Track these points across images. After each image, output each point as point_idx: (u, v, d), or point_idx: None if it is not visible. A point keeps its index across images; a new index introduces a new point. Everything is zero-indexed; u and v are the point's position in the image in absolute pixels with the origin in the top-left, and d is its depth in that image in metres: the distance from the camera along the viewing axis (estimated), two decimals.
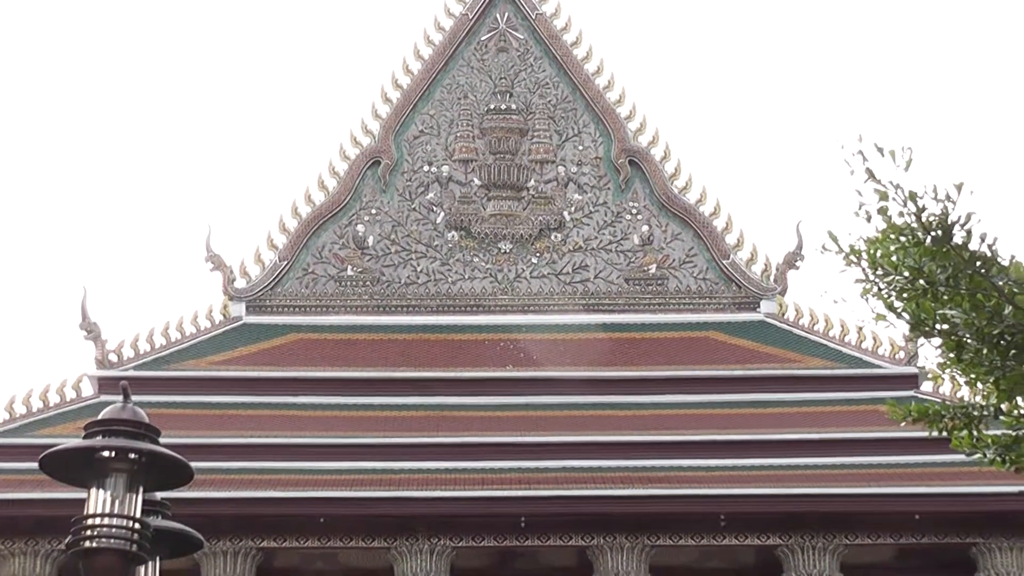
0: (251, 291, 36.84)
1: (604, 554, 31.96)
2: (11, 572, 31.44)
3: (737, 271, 37.39)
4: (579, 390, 34.35)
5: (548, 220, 37.72)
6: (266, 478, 31.48)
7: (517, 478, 31.92)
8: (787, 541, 32.14)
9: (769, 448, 32.90)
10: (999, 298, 8.16)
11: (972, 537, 32.11)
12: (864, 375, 34.89)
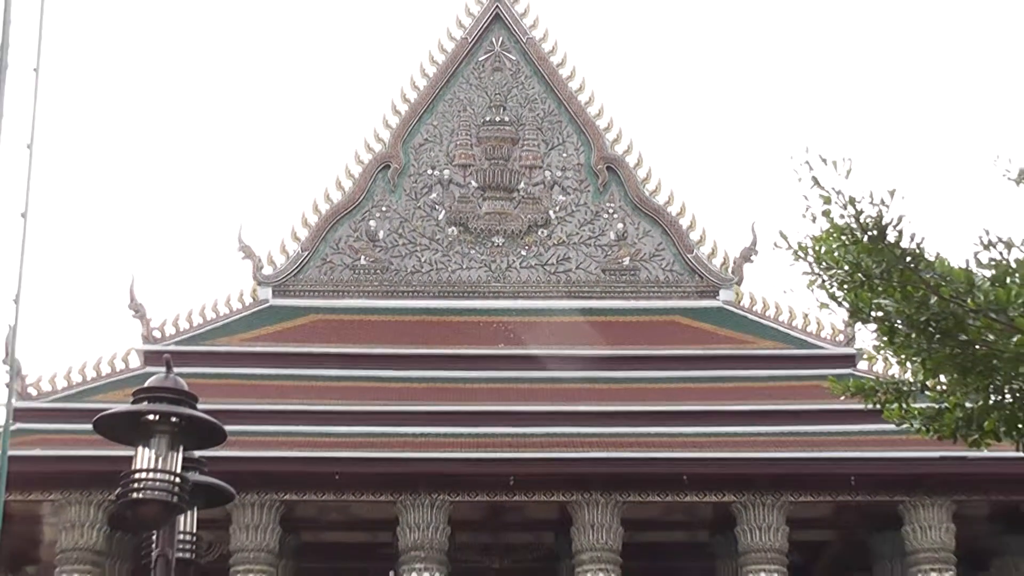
0: (277, 277, 36.86)
1: (582, 508, 32.03)
2: (68, 518, 31.50)
3: (699, 264, 37.42)
4: (561, 366, 34.39)
5: (536, 218, 37.76)
6: (289, 440, 31.54)
7: (507, 442, 31.97)
8: (740, 498, 32.20)
9: (725, 418, 32.95)
10: (926, 289, 8.19)
11: (899, 495, 32.20)
12: (809, 355, 34.97)
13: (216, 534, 30.54)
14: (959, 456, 30.07)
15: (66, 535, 31.60)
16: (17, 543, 32.14)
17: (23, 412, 30.37)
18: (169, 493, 7.56)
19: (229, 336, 35.38)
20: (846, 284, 8.53)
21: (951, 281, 8.35)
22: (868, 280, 8.42)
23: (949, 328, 8.37)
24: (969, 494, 32.33)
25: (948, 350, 8.57)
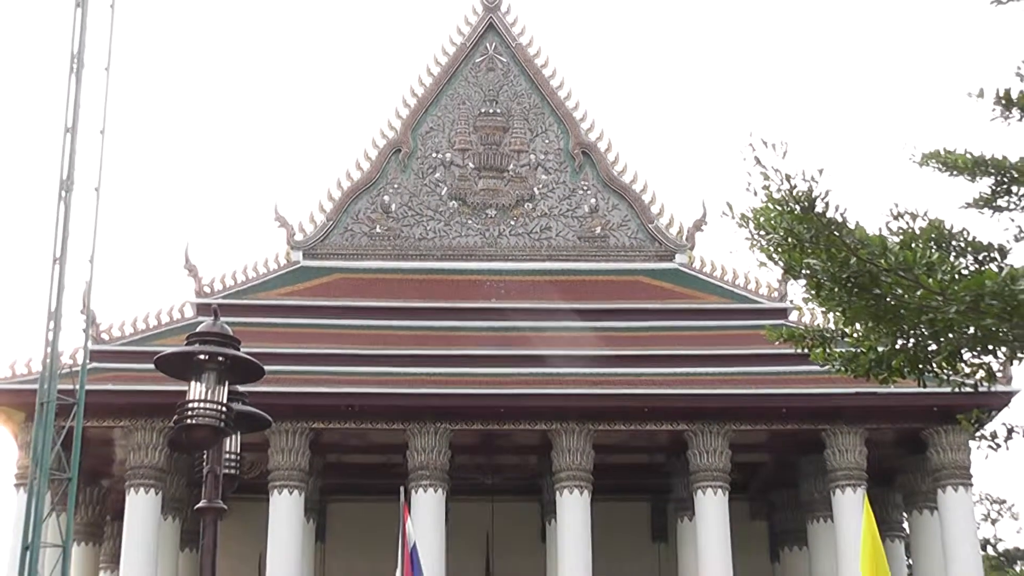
0: (306, 243, 36.79)
1: (560, 436, 32.08)
2: (135, 442, 31.53)
3: (659, 232, 37.39)
4: (543, 317, 34.39)
5: (522, 194, 37.69)
6: (316, 378, 31.53)
7: (498, 380, 31.99)
8: (691, 427, 32.25)
9: (680, 360, 32.97)
10: (847, 252, 8.17)
11: (822, 424, 32.29)
12: (749, 308, 34.99)
13: (256, 455, 30.60)
14: (871, 392, 30.22)
15: (133, 455, 31.66)
16: (94, 462, 32.18)
17: (97, 354, 30.31)
18: (217, 420, 7.57)
19: (267, 292, 35.38)
20: (781, 247, 8.50)
21: (868, 245, 8.32)
22: (799, 244, 8.40)
23: (865, 284, 8.35)
24: (879, 423, 32.45)
25: (864, 302, 8.55)
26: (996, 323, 8.05)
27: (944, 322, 8.28)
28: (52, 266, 9.58)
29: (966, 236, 8.89)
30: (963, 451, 32.50)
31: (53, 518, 12.41)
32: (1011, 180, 9.19)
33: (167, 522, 32.51)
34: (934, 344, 8.90)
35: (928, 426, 32.39)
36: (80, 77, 10.41)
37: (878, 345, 9.29)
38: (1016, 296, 7.96)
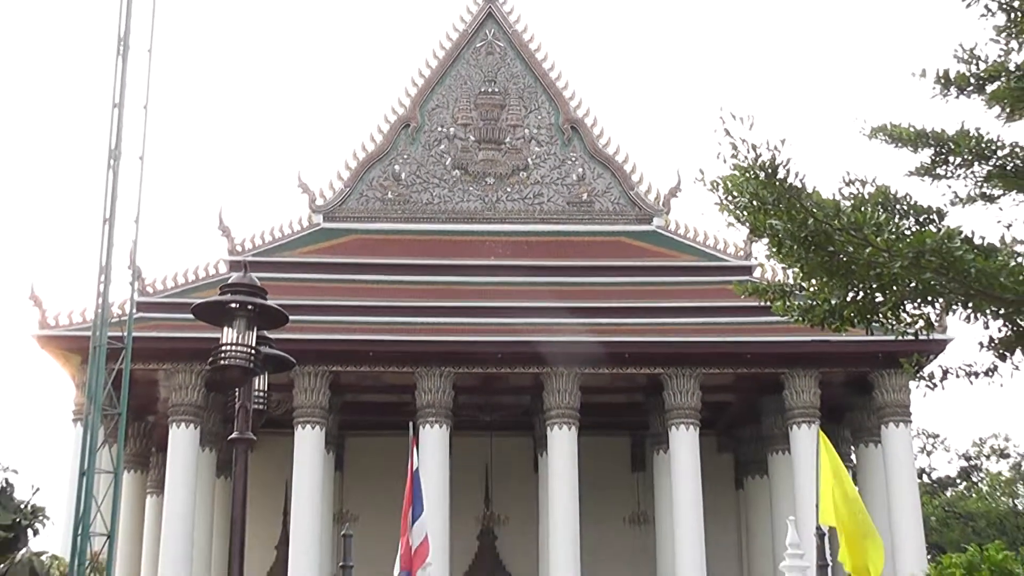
0: (327, 207, 36.69)
1: (551, 378, 32.16)
2: (176, 382, 31.63)
3: (639, 198, 37.30)
4: (537, 273, 34.41)
5: (518, 164, 37.57)
6: (335, 326, 31.56)
7: (496, 328, 32.02)
8: (666, 370, 32.34)
9: (657, 311, 33.00)
10: (805, 214, 8.15)
11: (781, 368, 32.39)
12: (718, 266, 34.96)
13: (282, 395, 30.64)
14: (824, 339, 30.27)
15: (175, 394, 31.75)
16: (140, 400, 32.28)
17: (142, 305, 30.30)
18: (247, 361, 7.58)
19: (291, 250, 35.34)
20: (747, 210, 8.49)
21: (823, 208, 8.31)
22: (763, 207, 8.38)
23: (821, 242, 8.33)
24: (831, 367, 32.56)
25: (819, 259, 8.54)
26: (935, 277, 8.06)
27: (889, 276, 8.28)
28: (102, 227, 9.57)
29: (909, 200, 8.88)
30: (904, 392, 32.65)
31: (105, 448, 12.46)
32: (948, 151, 9.16)
33: (204, 453, 32.69)
34: (881, 296, 8.90)
35: (874, 370, 32.52)
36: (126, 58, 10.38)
37: (831, 297, 9.28)
38: (952, 253, 7.97)
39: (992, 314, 8.74)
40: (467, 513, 35.64)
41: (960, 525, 49.43)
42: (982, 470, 58.94)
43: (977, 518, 50.58)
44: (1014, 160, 8.98)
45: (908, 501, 32.02)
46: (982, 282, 8.08)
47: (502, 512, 37.42)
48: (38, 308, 31.42)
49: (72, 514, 8.81)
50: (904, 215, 8.72)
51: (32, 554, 12.76)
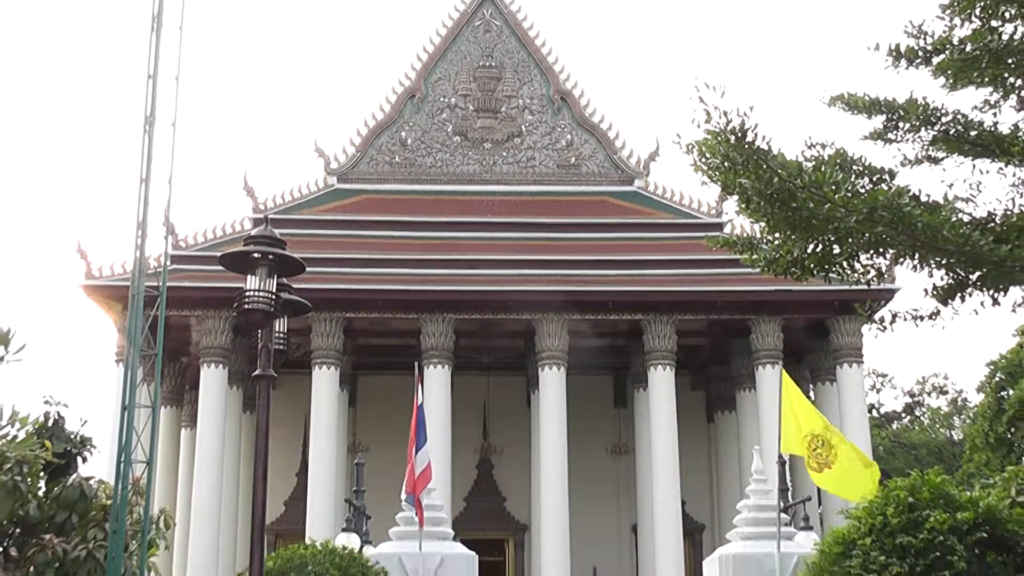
0: (340, 169, 36.59)
1: (542, 323, 32.23)
2: (206, 327, 31.66)
3: (621, 162, 37.22)
4: (530, 229, 34.40)
5: (512, 131, 37.45)
6: (348, 277, 31.54)
7: (492, 279, 32.03)
8: (646, 317, 32.40)
9: (637, 263, 33.04)
10: (771, 173, 8.16)
11: (748, 314, 32.47)
12: (692, 223, 34.90)
13: (301, 339, 30.71)
14: (787, 288, 30.32)
15: (205, 338, 31.78)
16: (175, 344, 32.34)
17: (176, 258, 30.34)
18: (268, 305, 7.59)
19: (308, 209, 35.29)
20: (719, 170, 8.48)
21: (787, 168, 8.31)
22: (733, 167, 8.38)
23: (785, 199, 8.33)
24: (793, 313, 32.63)
25: (783, 214, 8.54)
26: (886, 230, 8.07)
27: (846, 230, 8.29)
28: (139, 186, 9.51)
29: (864, 162, 8.87)
30: (857, 336, 32.78)
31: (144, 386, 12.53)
32: (899, 118, 9.15)
33: (232, 391, 32.81)
34: (838, 248, 8.92)
35: (831, 316, 32.62)
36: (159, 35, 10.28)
37: (794, 249, 9.29)
38: (902, 208, 7.99)
39: (936, 264, 8.77)
40: (466, 444, 35.85)
41: (904, 454, 49.83)
42: (924, 405, 59.43)
43: (919, 447, 51.07)
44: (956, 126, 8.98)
45: (859, 433, 32.20)
46: (927, 235, 8.11)
47: (498, 443, 37.65)
48: (84, 261, 31.53)
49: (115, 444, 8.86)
50: (859, 175, 8.72)
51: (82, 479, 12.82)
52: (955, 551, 7.66)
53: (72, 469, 13.35)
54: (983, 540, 7.76)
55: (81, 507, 12.54)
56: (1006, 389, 37.95)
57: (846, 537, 8.30)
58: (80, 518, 12.52)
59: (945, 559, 7.65)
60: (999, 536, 7.84)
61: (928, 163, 9.30)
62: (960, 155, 9.09)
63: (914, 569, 7.68)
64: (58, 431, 13.43)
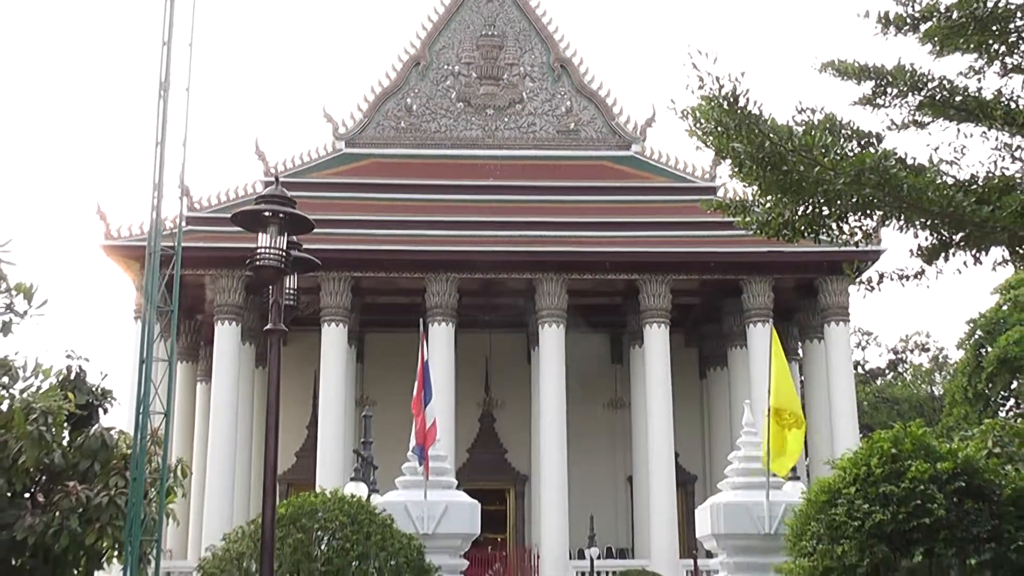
0: (348, 134, 36.50)
1: (541, 283, 32.29)
2: (220, 286, 31.74)
3: (619, 128, 37.11)
4: (530, 192, 34.35)
5: (514, 97, 37.31)
6: (355, 237, 31.54)
7: (494, 239, 32.04)
8: (641, 276, 32.45)
9: (634, 226, 33.04)
10: (763, 137, 8.13)
11: (740, 275, 32.52)
12: (687, 187, 34.88)
13: (311, 297, 30.80)
14: (778, 250, 30.36)
15: (219, 296, 31.85)
16: (190, 301, 32.40)
17: (191, 219, 30.33)
18: (279, 262, 7.59)
19: (317, 172, 35.26)
20: (712, 134, 8.45)
21: (778, 132, 8.28)
22: (726, 132, 8.34)
23: (776, 163, 8.31)
24: (783, 274, 32.67)
25: (775, 177, 8.52)
26: (873, 192, 8.06)
27: (834, 192, 8.28)
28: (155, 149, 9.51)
29: (852, 126, 8.84)
30: (844, 295, 32.83)
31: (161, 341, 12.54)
32: (887, 84, 9.11)
33: (245, 347, 32.89)
34: (827, 210, 8.90)
35: (819, 276, 32.66)
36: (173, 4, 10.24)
37: (785, 211, 9.27)
38: (888, 171, 7.97)
39: (921, 225, 8.76)
40: (469, 399, 35.99)
41: (887, 408, 50.02)
42: (907, 362, 59.62)
43: (902, 402, 51.26)
44: (942, 91, 8.95)
45: (845, 388, 32.40)
46: (913, 196, 8.10)
47: (499, 398, 37.80)
48: (103, 222, 31.58)
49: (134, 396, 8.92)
50: (848, 139, 8.69)
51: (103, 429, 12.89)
52: (935, 499, 7.71)
53: (94, 420, 13.42)
54: (961, 489, 7.81)
55: (103, 456, 12.63)
56: (985, 346, 38.12)
57: (831, 486, 8.36)
58: (102, 466, 12.61)
59: (925, 507, 7.71)
60: (976, 485, 7.90)
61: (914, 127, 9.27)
62: (945, 120, 9.05)
63: (896, 516, 7.74)
64: (80, 384, 13.49)
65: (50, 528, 11.81)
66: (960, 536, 7.60)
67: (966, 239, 8.77)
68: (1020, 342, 35.52)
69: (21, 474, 12.05)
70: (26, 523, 11.81)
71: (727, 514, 10.18)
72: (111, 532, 12.16)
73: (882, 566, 7.69)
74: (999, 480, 8.01)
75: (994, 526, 7.65)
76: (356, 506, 8.59)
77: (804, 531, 8.34)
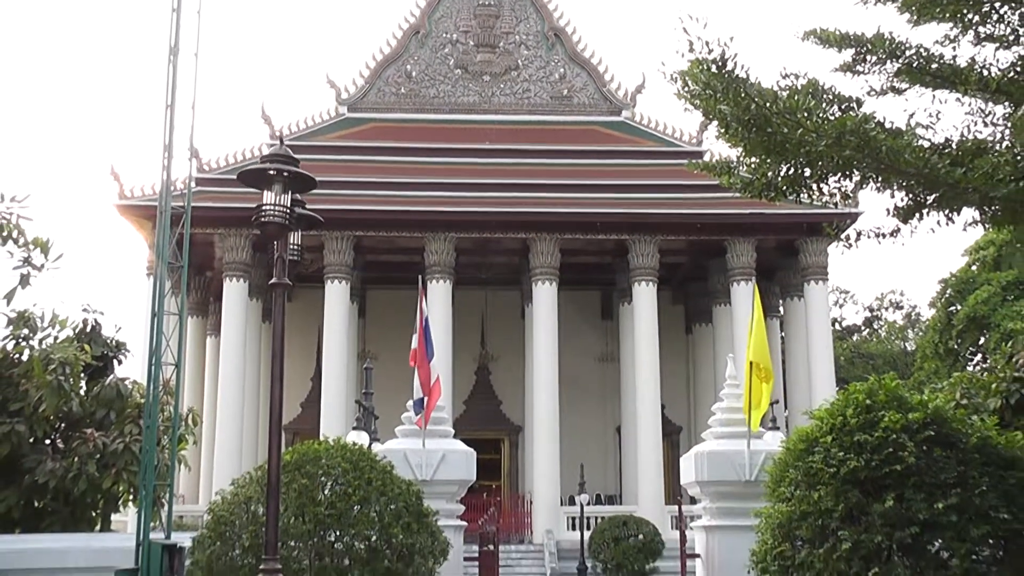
0: (350, 100, 36.30)
1: (535, 242, 32.27)
2: (228, 244, 31.75)
3: (610, 94, 36.92)
4: (525, 155, 34.24)
5: (510, 64, 37.06)
6: (358, 198, 31.45)
7: (491, 200, 31.98)
8: (631, 236, 32.44)
9: (624, 188, 32.96)
10: (749, 100, 8.10)
11: (725, 235, 32.52)
12: (675, 151, 34.74)
13: (315, 255, 30.79)
14: (760, 212, 30.39)
15: (228, 254, 31.83)
16: (200, 259, 32.38)
17: (200, 180, 30.20)
18: (283, 218, 7.58)
19: (321, 136, 35.11)
20: (700, 97, 8.40)
21: (763, 95, 8.24)
22: (714, 94, 8.30)
23: (761, 125, 8.28)
24: (765, 234, 32.68)
25: (759, 139, 8.49)
26: (853, 154, 8.05)
27: (816, 153, 8.26)
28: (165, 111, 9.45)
29: (834, 91, 8.81)
30: (823, 255, 32.88)
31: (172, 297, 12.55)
32: (866, 52, 9.07)
33: (252, 302, 32.92)
34: (808, 171, 8.88)
35: (800, 237, 32.67)
36: None
37: (768, 172, 9.25)
38: (867, 133, 7.97)
39: (897, 186, 8.76)
40: (466, 353, 36.08)
41: (863, 363, 50.28)
42: (882, 319, 59.84)
43: (876, 357, 51.54)
44: (918, 59, 8.91)
45: (823, 344, 32.50)
46: (890, 158, 8.09)
47: (494, 352, 37.90)
48: (117, 183, 31.52)
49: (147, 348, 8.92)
50: (829, 103, 8.66)
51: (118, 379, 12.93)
52: (906, 447, 7.77)
53: (109, 371, 13.47)
54: (931, 438, 7.87)
55: (118, 405, 12.70)
56: (955, 305, 38.31)
57: (809, 435, 8.40)
58: (117, 415, 12.69)
59: (897, 455, 7.77)
60: (944, 434, 7.96)
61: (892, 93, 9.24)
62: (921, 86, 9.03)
63: (869, 464, 7.80)
64: (96, 336, 13.53)
65: (69, 472, 11.90)
66: (928, 482, 7.66)
67: (940, 200, 8.78)
68: (988, 301, 35.70)
69: (41, 421, 12.14)
70: (47, 468, 11.91)
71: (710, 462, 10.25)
72: (126, 477, 12.26)
73: (855, 510, 7.76)
74: (966, 429, 8.06)
75: (960, 472, 7.71)
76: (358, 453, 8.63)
77: (783, 478, 8.40)
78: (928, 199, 8.98)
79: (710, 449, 10.46)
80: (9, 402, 12.07)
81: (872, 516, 7.63)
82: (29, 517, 12.18)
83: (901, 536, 7.51)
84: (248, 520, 8.13)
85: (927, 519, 7.50)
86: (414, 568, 8.18)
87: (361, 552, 7.95)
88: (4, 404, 12.07)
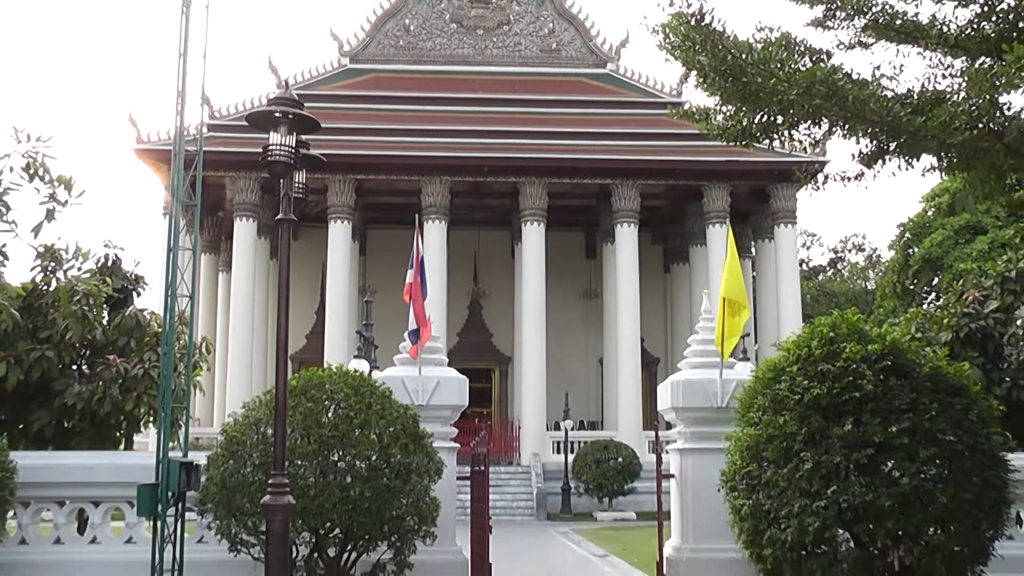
0: (352, 52, 35.90)
1: (525, 186, 32.18)
2: (239, 186, 31.59)
3: (597, 48, 36.56)
4: (515, 104, 34.00)
5: (502, 19, 36.61)
6: (359, 143, 31.31)
7: (484, 146, 31.82)
8: (615, 181, 32.37)
9: (608, 136, 32.82)
10: (725, 51, 8.03)
11: (702, 181, 32.48)
12: (657, 101, 34.52)
13: (319, 196, 30.68)
14: (735, 159, 30.34)
15: (238, 196, 31.68)
16: (212, 200, 32.24)
17: (211, 126, 29.98)
18: (289, 157, 7.53)
19: (324, 85, 34.76)
20: (680, 48, 8.33)
21: (739, 47, 8.18)
22: (693, 46, 8.23)
23: (736, 74, 8.22)
24: (739, 180, 32.65)
25: (735, 88, 8.43)
26: (822, 103, 8.01)
27: (788, 102, 8.21)
28: (178, 60, 9.36)
29: (805, 44, 8.74)
30: (792, 200, 32.87)
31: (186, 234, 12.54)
32: (836, 8, 8.99)
33: (261, 240, 32.86)
34: (780, 118, 8.83)
35: (771, 183, 32.64)
36: None
37: (743, 119, 9.19)
38: (836, 83, 7.93)
39: (862, 132, 8.73)
40: (460, 289, 36.15)
41: (827, 300, 50.55)
42: (845, 260, 60.05)
43: (840, 296, 51.82)
44: (884, 15, 8.84)
45: (791, 283, 32.63)
46: (856, 107, 8.06)
47: (486, 288, 37.95)
48: (135, 128, 31.30)
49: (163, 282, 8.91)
50: (801, 55, 8.59)
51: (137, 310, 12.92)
52: (864, 376, 7.83)
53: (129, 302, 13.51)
54: (887, 367, 7.93)
55: (137, 334, 12.75)
56: (912, 247, 38.44)
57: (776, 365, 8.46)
58: (137, 343, 12.75)
59: (856, 383, 7.84)
60: (900, 364, 8.02)
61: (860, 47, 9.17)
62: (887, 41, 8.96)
63: (831, 391, 7.88)
64: (116, 270, 13.55)
65: (95, 395, 12.02)
66: (884, 407, 7.74)
67: (901, 147, 8.76)
68: (942, 244, 35.85)
69: (68, 348, 12.22)
70: (74, 391, 12.03)
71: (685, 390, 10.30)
72: (146, 400, 12.37)
73: (817, 433, 7.84)
74: (919, 360, 8.13)
75: (912, 399, 7.79)
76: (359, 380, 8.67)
77: (751, 404, 8.47)
78: (890, 146, 8.96)
79: (685, 378, 10.54)
80: (39, 330, 12.14)
81: (832, 439, 7.72)
82: (59, 436, 12.31)
83: (858, 457, 7.61)
84: (258, 440, 8.18)
85: (881, 441, 7.59)
86: (411, 485, 8.26)
87: (362, 470, 8.02)
88: (34, 331, 12.14)
